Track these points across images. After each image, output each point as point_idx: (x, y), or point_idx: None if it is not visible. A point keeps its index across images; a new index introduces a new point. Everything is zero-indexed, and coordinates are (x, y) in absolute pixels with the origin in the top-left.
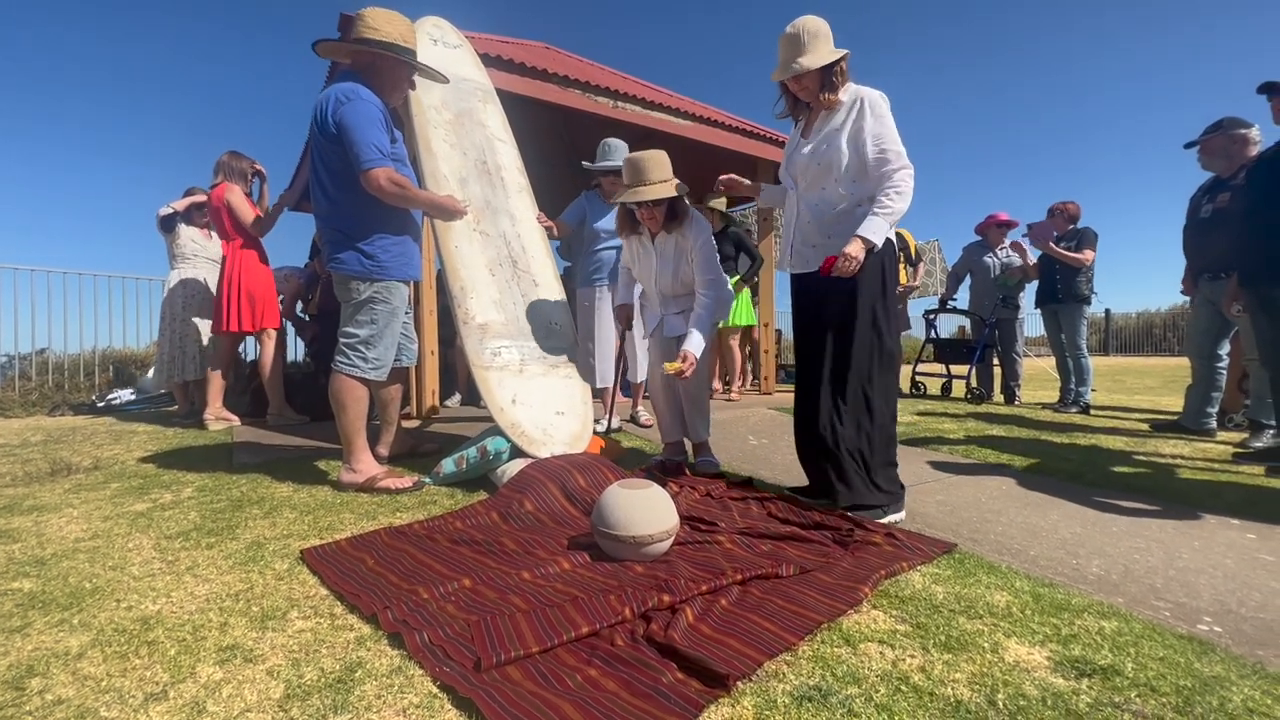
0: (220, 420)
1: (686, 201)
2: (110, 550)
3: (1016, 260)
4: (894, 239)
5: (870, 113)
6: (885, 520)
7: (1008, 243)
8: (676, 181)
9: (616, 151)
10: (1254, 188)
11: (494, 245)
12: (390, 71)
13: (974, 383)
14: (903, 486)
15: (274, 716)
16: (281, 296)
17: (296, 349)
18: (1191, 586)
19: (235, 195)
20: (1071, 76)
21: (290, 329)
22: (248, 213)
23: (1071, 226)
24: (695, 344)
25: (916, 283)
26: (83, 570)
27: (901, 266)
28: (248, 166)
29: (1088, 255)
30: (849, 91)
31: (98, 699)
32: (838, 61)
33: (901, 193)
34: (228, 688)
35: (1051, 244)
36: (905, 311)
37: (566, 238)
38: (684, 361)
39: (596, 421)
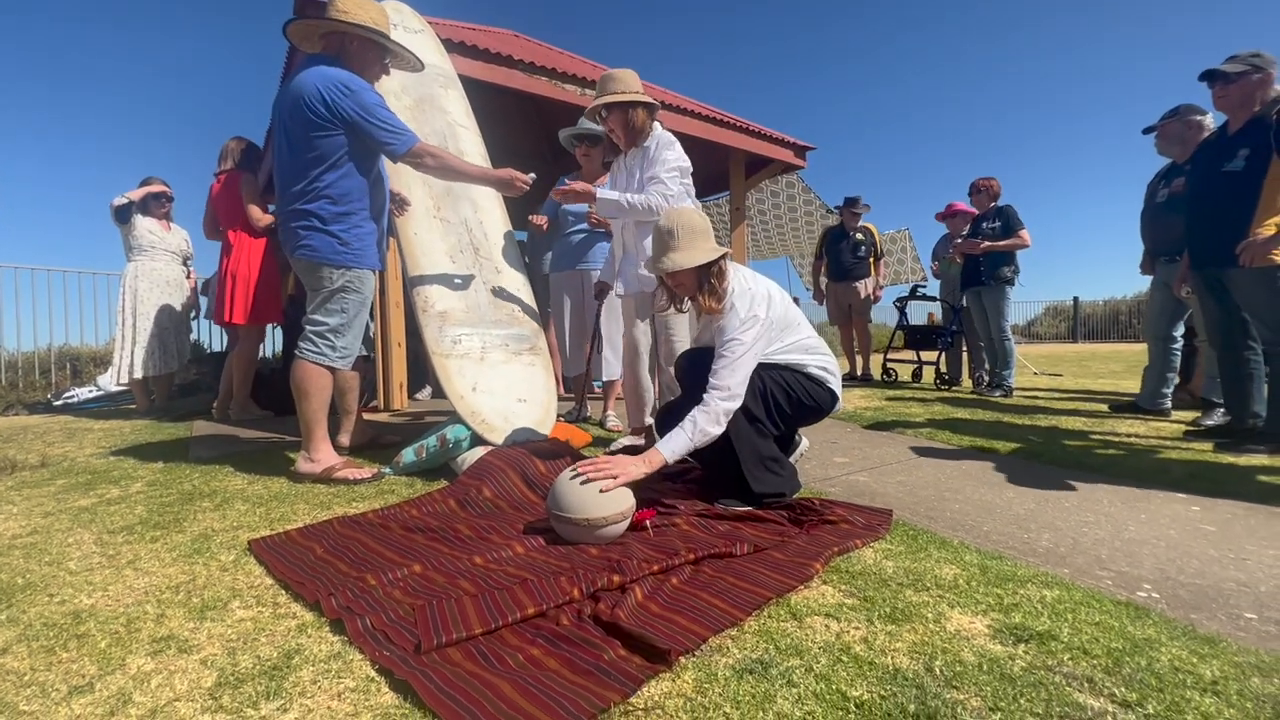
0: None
1: (641, 113)
2: (48, 546)
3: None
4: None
5: (725, 324)
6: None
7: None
8: (636, 92)
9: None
10: (1197, 172)
11: (454, 232)
12: (365, 55)
13: (943, 368)
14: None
15: (203, 705)
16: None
17: (273, 344)
18: (1135, 556)
19: (249, 183)
20: (1043, 68)
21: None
22: (258, 200)
23: (993, 205)
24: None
25: (883, 279)
26: (16, 566)
27: (870, 261)
28: (248, 147)
29: (1024, 236)
30: (730, 291)
31: (18, 693)
32: (716, 260)
33: (712, 417)
34: (157, 678)
35: (983, 244)
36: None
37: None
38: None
39: (566, 414)
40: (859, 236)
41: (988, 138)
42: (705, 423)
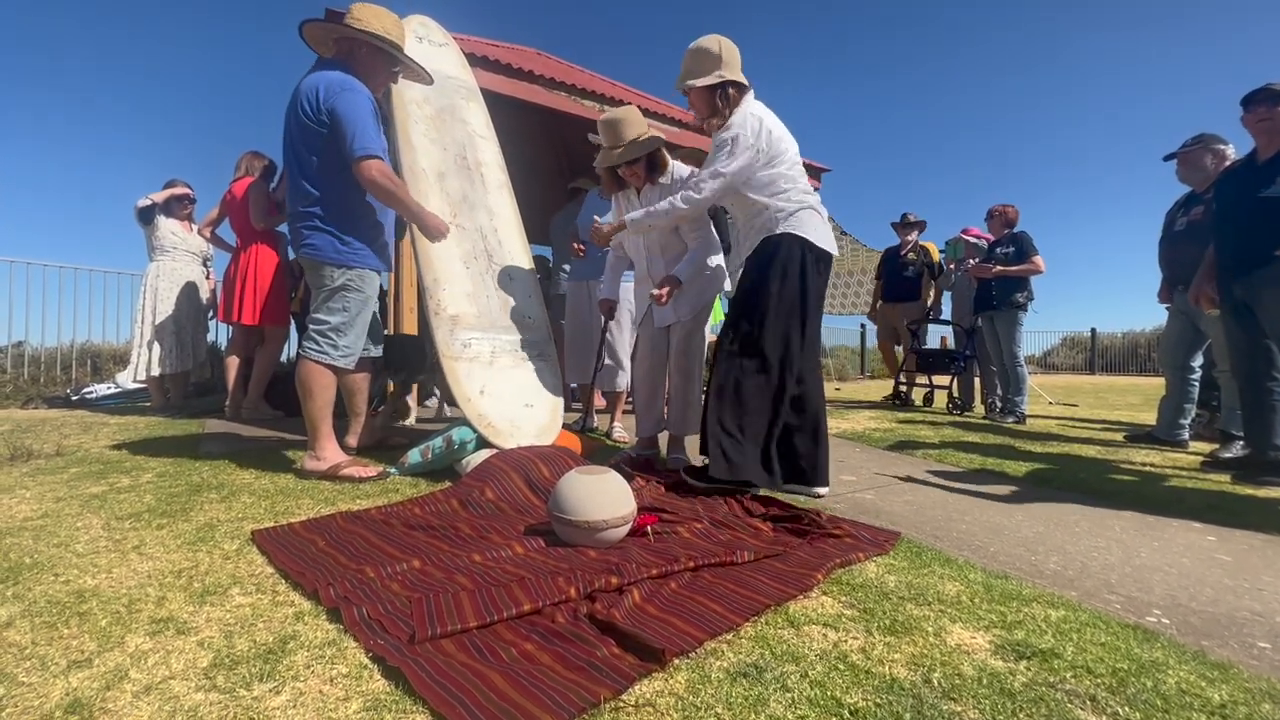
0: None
1: (665, 152)
2: (57, 529)
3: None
4: (798, 251)
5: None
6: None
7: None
8: (652, 134)
9: None
10: (1227, 199)
11: (470, 239)
12: (373, 62)
13: (955, 393)
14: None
15: (197, 684)
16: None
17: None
18: (1146, 582)
19: (255, 189)
20: (1063, 96)
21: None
22: (262, 207)
23: (1007, 231)
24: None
25: (938, 299)
26: (25, 546)
27: (924, 280)
28: (269, 165)
29: (1038, 262)
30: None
31: (18, 665)
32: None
33: (691, 188)
34: (154, 657)
35: (995, 268)
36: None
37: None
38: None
39: (576, 423)
40: (910, 256)
41: (1006, 166)
42: (683, 194)
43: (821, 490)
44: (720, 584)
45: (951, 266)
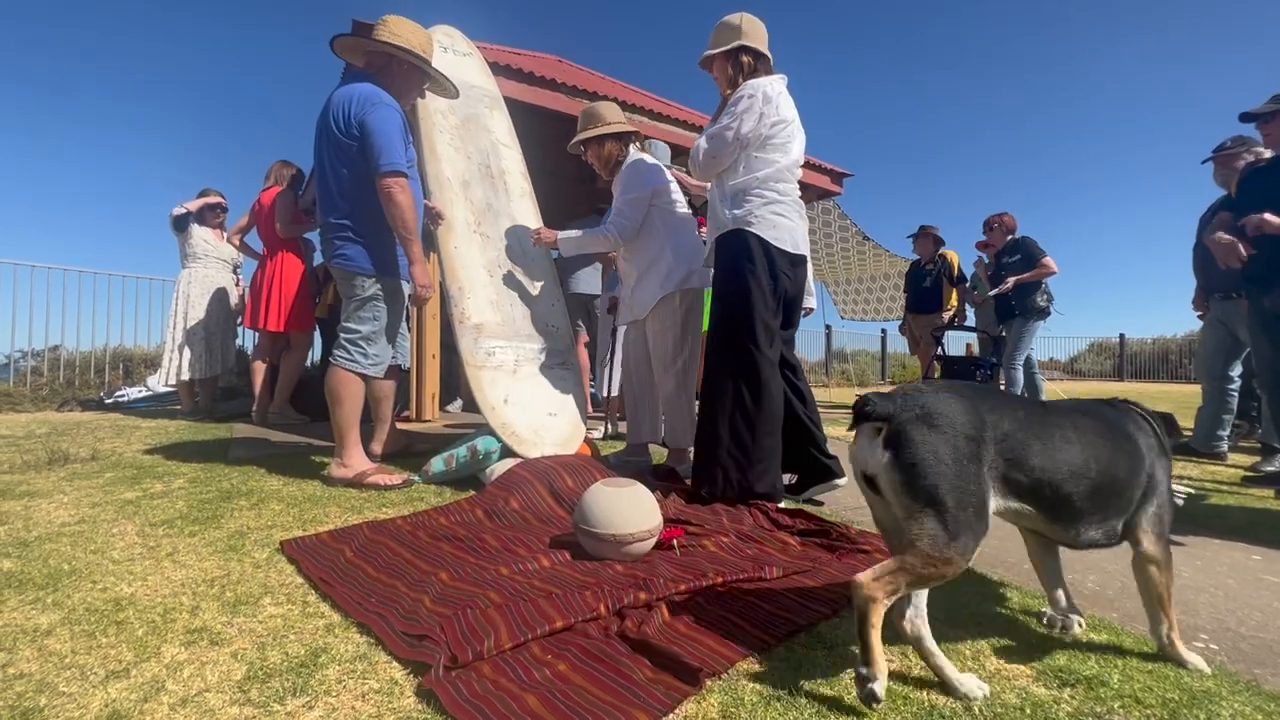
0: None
1: (631, 148)
2: (94, 535)
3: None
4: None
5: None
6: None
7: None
8: (618, 124)
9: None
10: (1254, 205)
11: (494, 247)
12: (405, 77)
13: None
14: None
15: (232, 697)
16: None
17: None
18: (1190, 605)
19: (283, 198)
20: (1090, 98)
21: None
22: (288, 215)
23: (1010, 238)
24: (563, 234)
25: (952, 306)
26: (64, 552)
27: (946, 289)
28: (297, 174)
29: (1049, 263)
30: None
31: (59, 675)
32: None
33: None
34: (189, 668)
35: (1010, 282)
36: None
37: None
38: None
39: (592, 430)
40: (928, 267)
41: (1034, 168)
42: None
43: (840, 481)
44: (751, 601)
45: (979, 301)
